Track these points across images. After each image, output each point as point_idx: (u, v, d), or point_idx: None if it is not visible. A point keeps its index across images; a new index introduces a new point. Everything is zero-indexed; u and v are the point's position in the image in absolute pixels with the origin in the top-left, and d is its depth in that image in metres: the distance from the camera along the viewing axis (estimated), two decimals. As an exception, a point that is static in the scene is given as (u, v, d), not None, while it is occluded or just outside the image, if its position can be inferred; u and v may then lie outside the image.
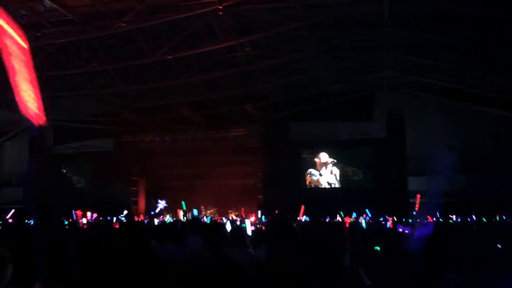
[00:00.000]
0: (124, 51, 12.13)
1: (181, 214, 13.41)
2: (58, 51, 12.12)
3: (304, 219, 11.81)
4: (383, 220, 10.87)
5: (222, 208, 20.00)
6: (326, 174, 18.32)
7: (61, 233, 1.06)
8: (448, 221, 12.28)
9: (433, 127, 17.15)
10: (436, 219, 11.06)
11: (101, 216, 14.02)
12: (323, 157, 18.35)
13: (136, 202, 20.49)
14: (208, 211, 20.33)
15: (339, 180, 18.23)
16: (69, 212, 11.91)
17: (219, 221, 9.48)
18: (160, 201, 17.85)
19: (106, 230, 5.48)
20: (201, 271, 1.92)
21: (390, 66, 14.32)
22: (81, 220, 12.05)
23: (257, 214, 14.88)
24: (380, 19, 11.05)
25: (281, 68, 14.62)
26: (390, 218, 10.37)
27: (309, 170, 18.45)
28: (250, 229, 5.48)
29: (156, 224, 9.43)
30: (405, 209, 13.85)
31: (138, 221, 11.09)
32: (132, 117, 17.86)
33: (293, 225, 3.62)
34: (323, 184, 18.31)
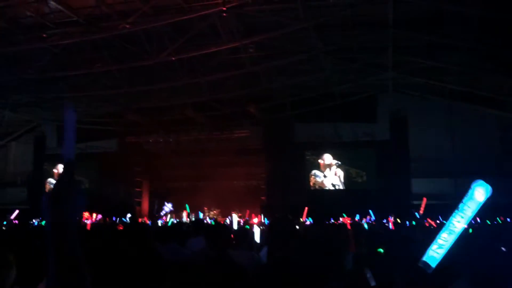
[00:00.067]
0: (128, 52, 12.16)
1: (184, 216, 13.40)
2: (63, 52, 12.17)
3: (308, 221, 11.77)
4: (386, 222, 10.81)
5: (225, 209, 19.98)
6: (331, 175, 18.25)
7: (73, 239, 1.08)
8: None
9: (438, 129, 17.08)
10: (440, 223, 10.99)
11: (105, 217, 14.04)
12: (327, 158, 18.28)
13: (139, 203, 20.49)
14: (211, 212, 20.32)
15: (343, 182, 18.17)
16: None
17: (223, 223, 9.48)
18: (166, 204, 17.83)
19: (110, 231, 5.49)
20: (203, 272, 1.92)
21: (394, 68, 14.28)
22: (85, 221, 12.05)
23: (261, 216, 14.84)
24: (384, 20, 11.03)
25: (284, 69, 14.62)
26: (391, 219, 10.30)
27: (313, 171, 18.39)
28: (258, 235, 5.42)
29: (159, 225, 9.45)
30: (408, 211, 13.76)
31: (141, 222, 11.11)
32: (136, 118, 17.90)
33: (295, 226, 3.60)
34: (328, 186, 18.24)
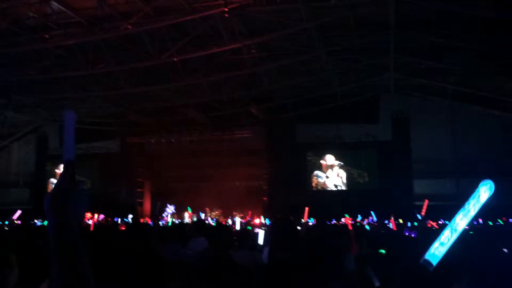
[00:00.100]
0: (131, 53, 12.18)
1: (186, 217, 13.41)
2: (65, 53, 12.20)
3: (310, 221, 11.75)
4: (387, 222, 10.79)
5: (227, 210, 19.98)
6: (333, 176, 18.23)
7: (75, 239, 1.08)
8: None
9: (439, 129, 17.05)
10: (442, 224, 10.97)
11: (107, 217, 14.07)
12: (329, 159, 18.27)
13: (141, 204, 20.51)
14: (213, 213, 20.31)
15: (345, 183, 18.16)
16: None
17: (224, 223, 9.49)
18: (169, 206, 17.83)
19: (112, 231, 5.51)
20: (204, 272, 1.92)
21: (396, 68, 14.27)
22: (87, 221, 12.08)
23: (263, 217, 14.82)
24: (386, 21, 11.02)
25: (286, 70, 14.62)
26: (392, 220, 10.27)
27: (315, 172, 18.38)
28: (262, 238, 5.40)
29: (161, 225, 9.47)
30: (410, 212, 13.73)
31: (143, 223, 11.14)
32: (138, 118, 17.93)
33: (296, 227, 3.61)
34: (330, 187, 18.23)
